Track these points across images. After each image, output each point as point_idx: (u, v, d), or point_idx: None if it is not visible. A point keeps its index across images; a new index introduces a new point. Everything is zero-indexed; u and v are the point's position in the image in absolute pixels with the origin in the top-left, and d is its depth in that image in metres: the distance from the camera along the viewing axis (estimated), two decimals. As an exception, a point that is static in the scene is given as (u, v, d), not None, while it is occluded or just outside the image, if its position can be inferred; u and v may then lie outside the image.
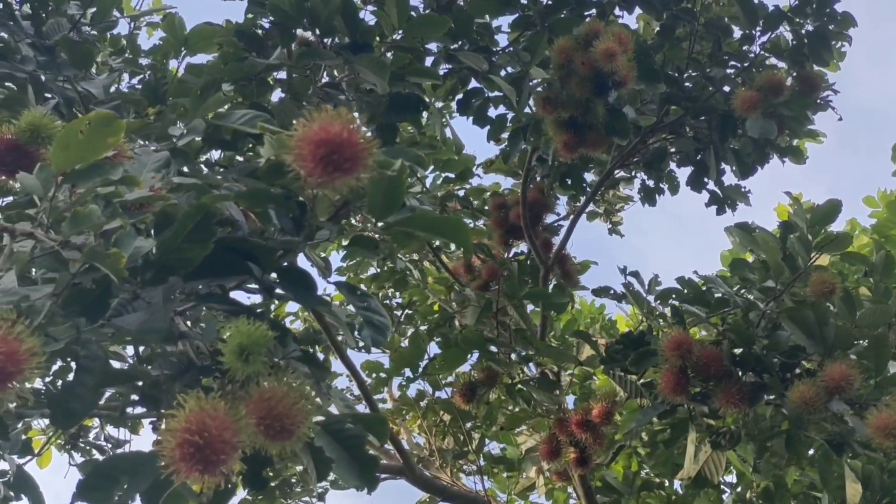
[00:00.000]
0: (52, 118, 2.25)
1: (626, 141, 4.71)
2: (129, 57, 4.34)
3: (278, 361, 1.96)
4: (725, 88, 5.05)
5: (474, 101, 4.69)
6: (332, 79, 4.01)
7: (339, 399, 2.35)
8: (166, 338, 1.97)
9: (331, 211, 2.22)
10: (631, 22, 5.96)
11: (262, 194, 2.03)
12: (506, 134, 5.50)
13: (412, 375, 6.37)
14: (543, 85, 4.46)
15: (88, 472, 1.92)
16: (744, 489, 5.69)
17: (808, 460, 4.47)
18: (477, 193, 6.52)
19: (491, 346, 4.47)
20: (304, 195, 2.10)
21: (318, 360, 2.22)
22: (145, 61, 4.43)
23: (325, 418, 2.01)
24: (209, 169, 3.93)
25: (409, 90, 3.85)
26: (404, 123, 5.13)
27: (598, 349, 4.55)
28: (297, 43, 3.77)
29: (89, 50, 3.12)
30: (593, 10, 4.72)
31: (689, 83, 5.14)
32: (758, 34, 4.94)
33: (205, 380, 2.02)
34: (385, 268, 6.93)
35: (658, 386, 3.68)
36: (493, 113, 4.94)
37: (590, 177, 6.09)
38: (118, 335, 2.29)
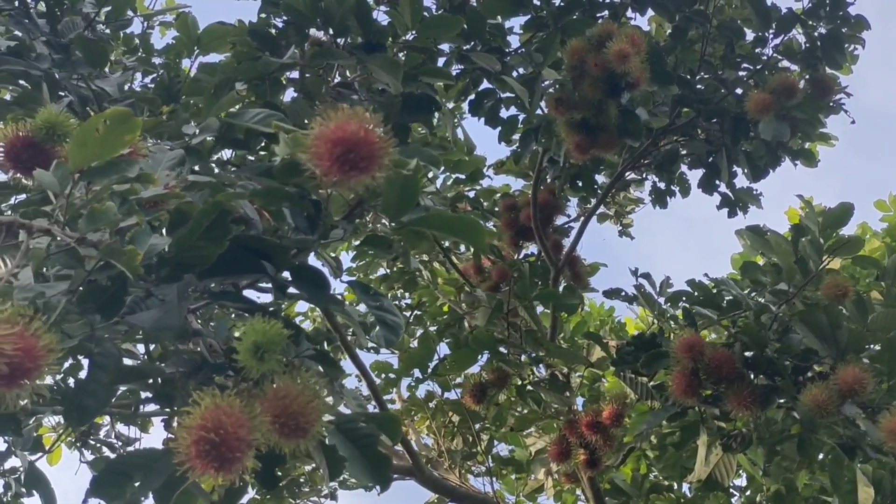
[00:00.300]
0: (68, 116, 2.25)
1: (639, 142, 4.70)
2: (142, 56, 4.35)
3: (292, 360, 1.96)
4: (738, 91, 5.04)
5: (486, 102, 4.69)
6: (344, 79, 4.02)
7: (351, 398, 2.35)
8: (181, 335, 1.97)
9: (344, 210, 2.23)
10: (643, 24, 5.94)
11: (277, 192, 2.03)
12: (517, 135, 5.50)
13: (421, 376, 6.37)
14: (555, 86, 4.46)
15: (102, 468, 1.93)
16: (753, 493, 5.67)
17: (818, 464, 4.45)
18: (487, 195, 6.51)
19: (501, 346, 4.47)
20: (318, 194, 2.10)
21: (332, 359, 2.22)
22: (158, 60, 4.45)
23: (338, 417, 2.01)
24: (221, 168, 3.94)
25: (421, 90, 3.85)
26: (416, 124, 5.14)
27: (608, 351, 4.54)
28: (309, 43, 3.78)
29: (104, 48, 3.13)
30: (605, 12, 4.72)
31: (701, 85, 5.13)
32: (770, 36, 4.93)
33: (217, 378, 2.02)
34: (395, 268, 6.93)
35: (669, 388, 3.67)
36: (505, 114, 4.95)
37: (600, 179, 6.09)
38: (130, 332, 2.30)
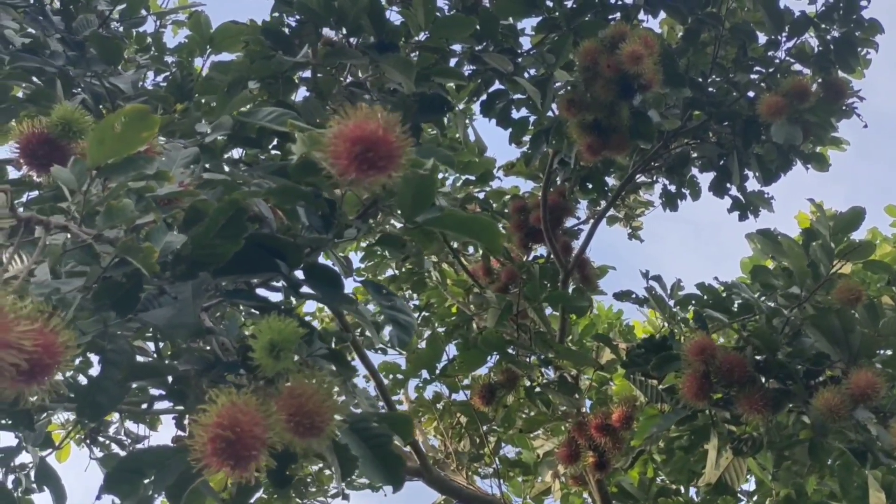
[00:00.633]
0: (83, 113, 2.26)
1: (650, 144, 4.69)
2: (154, 54, 4.36)
3: (306, 359, 1.95)
4: (750, 94, 5.02)
5: (498, 103, 4.68)
6: (356, 78, 4.02)
7: (363, 398, 2.35)
8: (195, 333, 1.96)
9: (357, 209, 2.22)
10: (654, 27, 5.93)
11: (292, 191, 2.03)
12: (527, 137, 5.50)
13: (429, 377, 6.36)
14: (566, 88, 4.45)
15: (115, 465, 1.93)
16: (762, 497, 5.64)
17: (828, 469, 4.44)
18: (497, 196, 6.51)
19: (511, 348, 4.46)
20: (332, 193, 2.10)
21: (345, 358, 2.22)
22: (170, 59, 4.45)
23: (351, 417, 2.01)
24: (232, 166, 3.94)
25: (433, 91, 3.85)
26: (426, 124, 5.13)
27: (618, 353, 4.53)
28: (321, 43, 3.78)
29: (119, 45, 3.14)
30: (617, 14, 4.71)
31: (712, 88, 5.12)
32: (783, 40, 4.91)
33: (229, 376, 2.02)
34: (403, 269, 6.93)
35: (680, 391, 3.66)
36: (516, 115, 4.93)
37: (610, 181, 6.08)
38: (141, 330, 2.31)
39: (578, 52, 4.11)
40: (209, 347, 2.19)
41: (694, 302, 4.47)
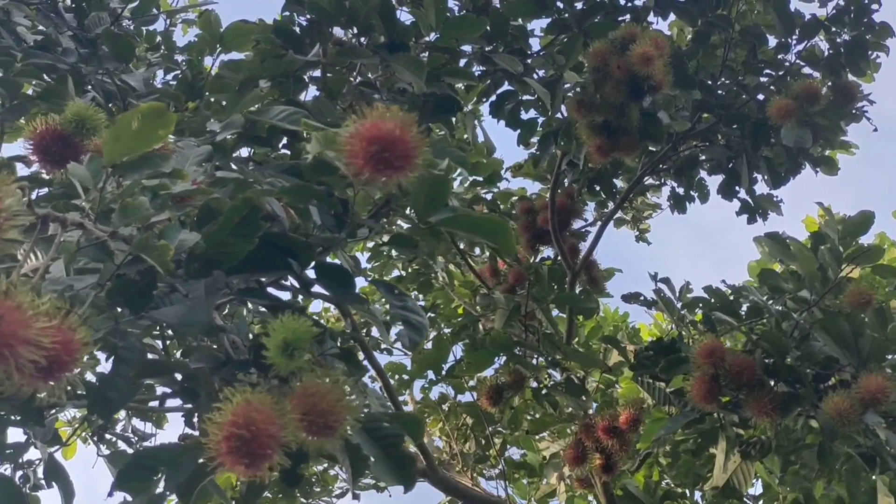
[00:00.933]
0: (97, 110, 2.25)
1: (660, 146, 4.68)
2: (164, 53, 4.37)
3: (319, 358, 1.95)
4: (759, 96, 5.02)
5: (507, 104, 4.68)
6: (365, 78, 4.01)
7: (374, 398, 2.35)
8: (208, 331, 1.97)
9: (368, 209, 2.22)
10: (663, 29, 5.92)
11: (306, 190, 2.03)
12: (535, 138, 5.49)
13: (435, 378, 6.36)
14: (574, 89, 4.45)
15: (127, 463, 1.93)
16: (768, 501, 5.63)
17: (837, 473, 4.43)
18: (504, 197, 6.51)
19: (518, 349, 4.45)
20: (344, 192, 2.10)
21: (356, 358, 2.21)
22: (180, 58, 4.46)
23: (362, 416, 2.00)
24: (241, 165, 3.94)
25: (442, 91, 3.85)
26: (435, 125, 5.13)
27: (626, 355, 4.52)
28: (331, 42, 3.78)
29: (131, 43, 3.14)
30: (627, 16, 4.70)
31: (721, 91, 5.11)
32: (793, 43, 4.91)
33: (241, 375, 2.02)
34: (409, 270, 6.93)
35: (688, 393, 3.65)
36: (525, 116, 4.93)
37: (618, 183, 6.06)
38: (149, 328, 2.31)
39: (589, 54, 4.10)
40: (216, 346, 2.20)
41: (701, 305, 4.47)
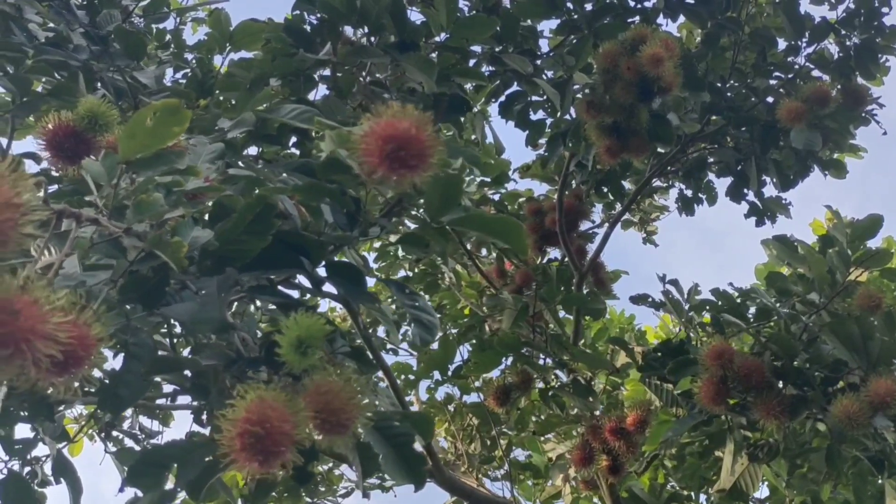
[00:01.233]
0: (110, 106, 2.26)
1: (669, 148, 4.67)
2: (175, 51, 4.37)
3: (331, 356, 1.95)
4: (768, 99, 5.01)
5: (516, 105, 4.68)
6: (374, 77, 4.01)
7: (384, 397, 2.35)
8: (221, 328, 1.96)
9: (380, 208, 2.22)
10: (673, 31, 5.93)
11: (319, 188, 2.03)
12: (543, 139, 5.49)
13: (441, 379, 6.36)
14: (584, 90, 4.44)
15: (138, 458, 1.93)
16: (775, 504, 5.63)
17: (844, 477, 4.42)
18: (512, 198, 6.50)
19: (526, 349, 4.45)
20: (356, 191, 2.10)
21: (367, 357, 2.21)
22: (189, 56, 4.46)
23: (373, 415, 2.00)
24: (250, 163, 3.94)
25: (452, 91, 3.85)
26: (443, 125, 5.13)
27: (634, 356, 4.52)
28: (340, 42, 3.78)
29: (142, 40, 3.14)
30: (636, 18, 4.70)
31: (730, 93, 5.10)
32: (803, 45, 4.90)
33: (251, 372, 2.02)
34: (416, 270, 6.93)
35: (696, 395, 3.65)
36: (533, 117, 4.93)
37: (626, 185, 6.06)
38: (158, 324, 2.31)
39: (598, 55, 4.10)
40: (225, 343, 2.20)
41: (708, 307, 4.46)
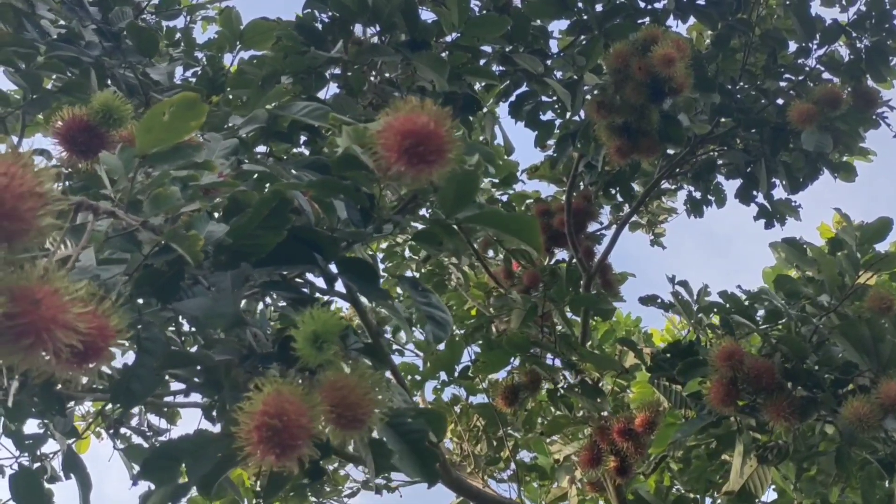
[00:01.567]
0: (124, 100, 2.26)
1: (680, 148, 4.67)
2: (185, 49, 4.38)
3: (346, 352, 1.95)
4: (779, 101, 5.00)
5: (526, 105, 4.67)
6: (385, 76, 4.01)
7: (397, 393, 2.34)
8: (235, 323, 1.96)
9: (394, 204, 2.22)
10: (682, 32, 5.90)
11: (334, 184, 2.03)
12: (551, 140, 5.49)
13: (447, 379, 6.35)
14: (593, 91, 4.44)
15: (152, 452, 1.93)
16: (782, 507, 5.61)
17: (855, 479, 4.40)
18: (520, 199, 6.50)
19: (534, 349, 4.44)
20: (370, 188, 2.10)
21: (381, 353, 2.21)
22: (199, 55, 4.47)
23: (387, 411, 2.00)
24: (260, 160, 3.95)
25: (463, 90, 3.85)
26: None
27: (643, 357, 4.51)
28: (350, 42, 3.79)
29: (155, 37, 3.14)
30: (646, 19, 4.69)
31: (740, 95, 5.10)
32: (814, 47, 4.89)
33: (263, 367, 2.02)
34: (423, 270, 6.93)
35: (706, 397, 3.64)
36: (543, 118, 4.93)
37: (634, 187, 6.05)
38: (168, 320, 2.30)
39: (610, 55, 4.09)
40: (236, 339, 2.19)
41: (716, 310, 4.45)
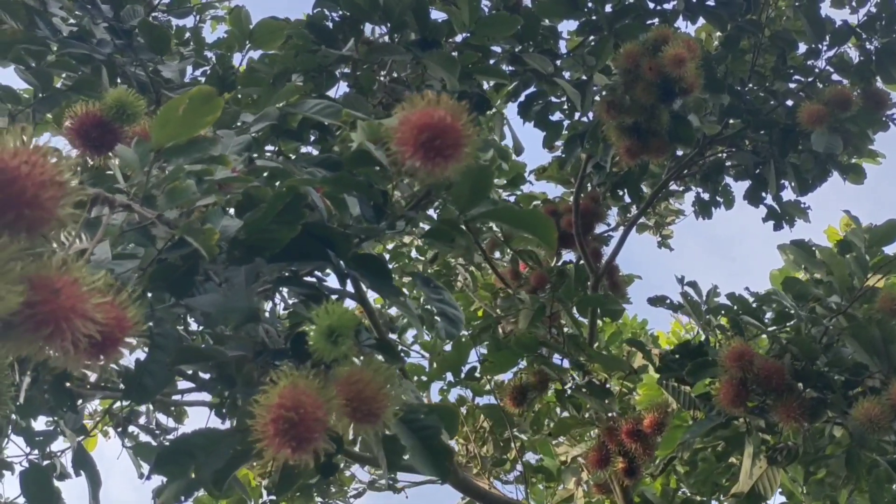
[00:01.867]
0: (138, 96, 2.26)
1: (690, 149, 4.66)
2: (194, 48, 4.38)
3: (360, 348, 1.95)
4: (788, 102, 4.99)
5: (535, 106, 4.67)
6: (395, 75, 4.02)
7: (409, 390, 2.34)
8: (248, 318, 1.96)
9: (409, 200, 2.22)
10: (691, 33, 5.89)
11: (348, 180, 2.03)
12: (559, 141, 5.48)
13: (454, 380, 6.34)
14: (601, 92, 4.43)
15: (166, 447, 1.94)
16: (791, 510, 5.59)
17: (864, 481, 4.39)
18: (527, 200, 6.49)
19: (543, 350, 4.43)
20: (382, 184, 2.10)
21: (393, 350, 2.21)
22: (209, 54, 4.47)
23: (400, 407, 1.99)
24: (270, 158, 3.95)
25: (473, 89, 3.85)
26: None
27: (651, 358, 4.50)
28: (360, 41, 3.79)
29: (167, 34, 3.15)
30: (656, 20, 4.68)
31: (749, 96, 5.09)
32: (824, 49, 4.88)
33: (276, 363, 2.02)
34: (430, 271, 6.92)
35: (715, 398, 3.62)
36: (552, 118, 4.93)
37: (643, 188, 6.04)
38: (178, 316, 2.30)
39: (620, 55, 4.09)
40: (246, 335, 2.19)
41: (723, 312, 4.44)
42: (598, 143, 4.86)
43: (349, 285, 2.16)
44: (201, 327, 2.57)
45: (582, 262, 5.71)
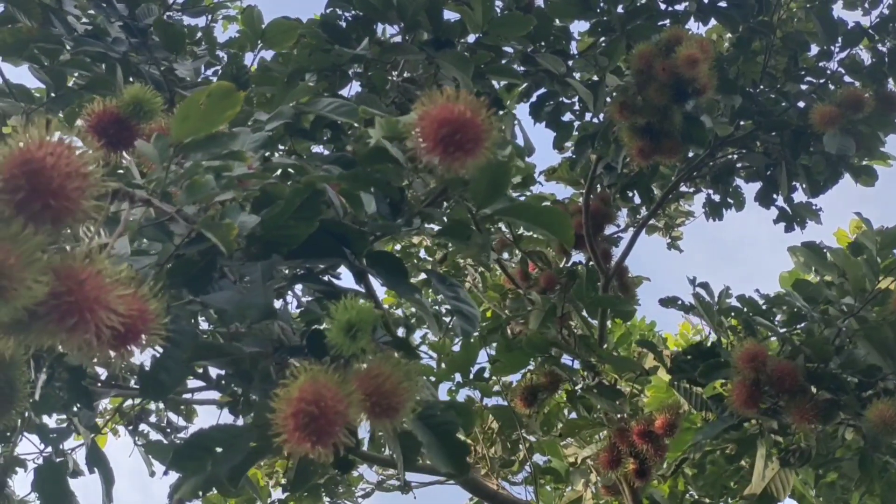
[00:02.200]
0: (155, 93, 2.27)
1: (702, 150, 4.65)
2: (207, 47, 4.39)
3: (378, 343, 1.95)
4: (800, 104, 4.98)
5: (547, 106, 4.67)
6: (407, 75, 4.02)
7: (424, 387, 2.34)
8: (266, 314, 1.96)
9: (426, 197, 2.22)
10: (702, 34, 5.88)
11: (365, 177, 2.03)
12: (570, 143, 5.48)
13: (462, 381, 6.34)
14: (612, 93, 4.43)
15: (184, 442, 1.93)
16: (802, 512, 5.57)
17: (878, 483, 4.37)
18: (537, 201, 6.48)
19: (553, 350, 4.43)
20: (399, 181, 2.10)
21: (410, 346, 2.20)
22: (221, 53, 4.48)
23: (418, 403, 1.99)
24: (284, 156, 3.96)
25: (485, 89, 3.85)
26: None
27: (663, 360, 4.49)
28: (373, 41, 3.79)
29: (182, 33, 3.15)
30: (667, 21, 4.68)
31: (761, 97, 5.08)
32: (836, 51, 4.87)
33: (293, 360, 2.02)
34: (440, 271, 6.92)
35: (727, 399, 3.61)
36: (563, 119, 4.93)
37: (654, 189, 6.03)
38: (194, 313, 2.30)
39: (633, 55, 4.09)
40: (260, 332, 2.19)
41: (733, 314, 4.44)
42: (609, 144, 4.86)
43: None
44: (212, 325, 2.57)
45: (592, 263, 5.70)
